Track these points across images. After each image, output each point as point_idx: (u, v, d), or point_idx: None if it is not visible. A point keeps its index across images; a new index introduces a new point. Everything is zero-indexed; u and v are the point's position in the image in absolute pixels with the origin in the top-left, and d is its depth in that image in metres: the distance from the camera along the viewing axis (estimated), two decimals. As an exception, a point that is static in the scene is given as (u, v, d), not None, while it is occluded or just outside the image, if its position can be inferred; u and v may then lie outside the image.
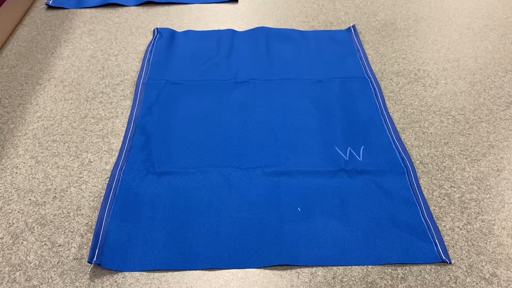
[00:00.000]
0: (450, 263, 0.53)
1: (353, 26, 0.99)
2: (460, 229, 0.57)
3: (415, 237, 0.55)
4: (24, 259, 0.54)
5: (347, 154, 0.67)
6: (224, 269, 0.53)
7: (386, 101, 0.78)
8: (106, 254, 0.53)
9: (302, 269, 0.53)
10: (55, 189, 0.63)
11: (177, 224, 0.57)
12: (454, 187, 0.63)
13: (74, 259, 0.54)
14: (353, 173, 0.64)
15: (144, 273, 0.52)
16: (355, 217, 0.58)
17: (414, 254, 0.54)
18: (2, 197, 0.62)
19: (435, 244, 0.54)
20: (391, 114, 0.75)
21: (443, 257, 0.53)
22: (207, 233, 0.56)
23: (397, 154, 0.67)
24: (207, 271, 0.53)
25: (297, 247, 0.54)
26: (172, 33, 0.97)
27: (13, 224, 0.58)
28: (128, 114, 0.76)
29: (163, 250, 0.54)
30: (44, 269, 0.53)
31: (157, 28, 0.99)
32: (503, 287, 0.51)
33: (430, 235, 0.55)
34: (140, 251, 0.54)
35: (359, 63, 0.88)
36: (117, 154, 0.68)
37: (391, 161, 0.66)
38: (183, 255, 0.54)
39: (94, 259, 0.52)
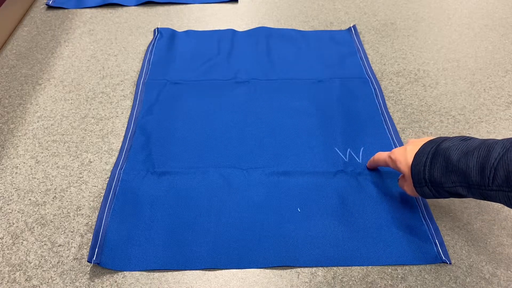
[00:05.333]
0: (450, 263, 0.53)
1: (354, 26, 0.99)
2: (460, 229, 0.57)
3: (415, 238, 0.55)
4: (24, 259, 0.54)
5: (347, 155, 0.67)
6: (224, 269, 0.53)
7: (386, 101, 0.78)
8: (106, 254, 0.53)
9: (302, 269, 0.53)
10: (55, 189, 0.63)
11: (176, 224, 0.57)
12: (454, 187, 0.63)
13: (74, 259, 0.54)
14: (353, 175, 0.64)
15: (144, 273, 0.52)
16: (354, 218, 0.58)
17: (414, 255, 0.54)
18: (2, 197, 0.62)
19: (435, 244, 0.54)
20: (391, 114, 0.75)
21: (443, 258, 0.53)
22: (206, 233, 0.56)
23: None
24: (207, 271, 0.53)
25: (297, 247, 0.54)
26: (172, 33, 0.97)
27: (13, 224, 0.58)
28: (128, 114, 0.76)
29: (162, 250, 0.54)
30: (44, 269, 0.53)
31: (157, 28, 0.99)
32: (503, 287, 0.51)
33: (430, 236, 0.55)
34: (140, 250, 0.54)
35: (359, 63, 0.88)
36: (117, 154, 0.68)
37: None
38: (182, 255, 0.54)
39: (94, 258, 0.52)
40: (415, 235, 0.56)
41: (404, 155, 0.52)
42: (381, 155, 0.58)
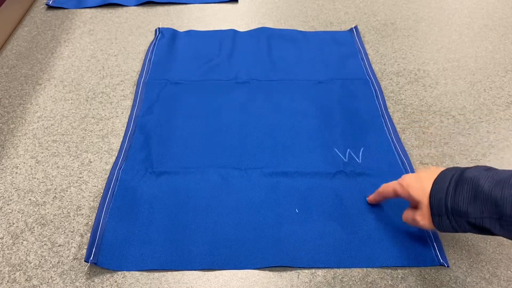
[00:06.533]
0: (448, 266, 0.52)
1: (355, 27, 0.99)
2: (460, 229, 0.57)
3: (413, 240, 0.55)
4: (24, 259, 0.54)
5: (347, 156, 0.67)
6: (223, 269, 0.53)
7: (386, 101, 0.78)
8: (103, 253, 0.53)
9: (302, 269, 0.53)
10: (55, 189, 0.63)
11: (175, 224, 0.57)
12: (454, 187, 0.62)
13: (74, 259, 0.54)
14: (352, 175, 0.64)
15: (144, 273, 0.52)
16: (353, 220, 0.58)
17: (412, 257, 0.53)
18: (2, 197, 0.62)
19: (433, 247, 0.54)
20: (391, 114, 0.75)
21: (441, 261, 0.53)
22: (205, 233, 0.56)
23: (397, 157, 0.67)
24: (207, 271, 0.53)
25: (295, 249, 0.54)
26: (174, 33, 0.97)
27: (13, 224, 0.58)
28: (128, 114, 0.76)
29: (160, 250, 0.54)
30: (44, 269, 0.53)
31: (159, 28, 0.99)
32: (503, 287, 0.51)
33: (428, 239, 0.55)
34: (138, 250, 0.54)
35: (360, 64, 0.88)
36: (117, 154, 0.68)
37: (391, 164, 0.66)
38: (180, 255, 0.54)
39: (91, 258, 0.52)
40: (413, 238, 0.55)
41: (418, 181, 0.48)
42: (388, 185, 0.54)
